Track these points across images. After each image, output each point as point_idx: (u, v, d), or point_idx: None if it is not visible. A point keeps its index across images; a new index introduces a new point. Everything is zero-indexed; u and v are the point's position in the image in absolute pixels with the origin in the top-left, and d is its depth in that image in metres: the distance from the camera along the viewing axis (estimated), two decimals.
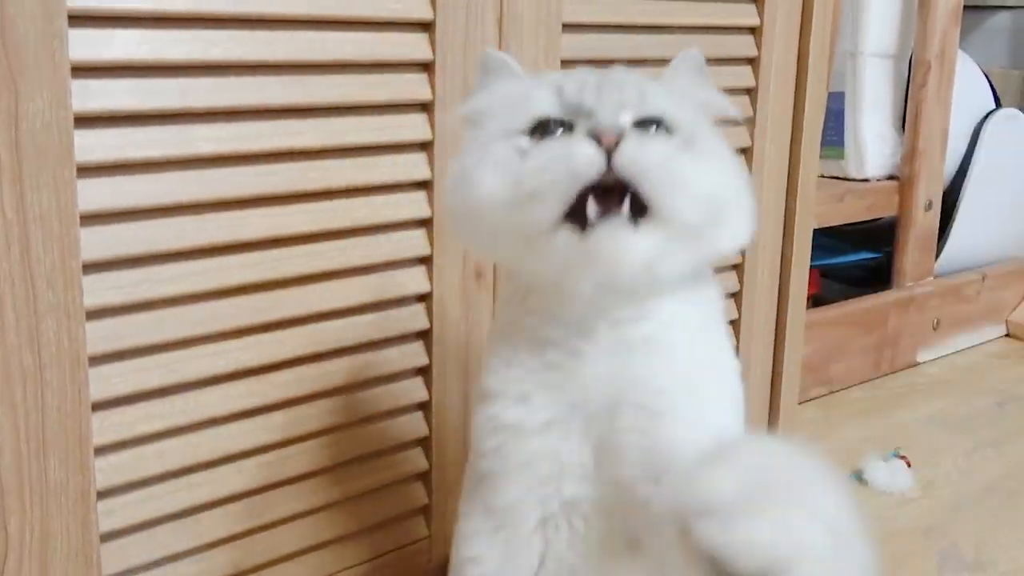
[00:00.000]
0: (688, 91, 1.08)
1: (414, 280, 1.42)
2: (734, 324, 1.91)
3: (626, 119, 0.96)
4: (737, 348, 1.91)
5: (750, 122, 1.82)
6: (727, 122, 1.11)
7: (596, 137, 0.91)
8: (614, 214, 0.91)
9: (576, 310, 1.01)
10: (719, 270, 1.82)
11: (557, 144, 0.94)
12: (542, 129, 0.98)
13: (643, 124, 0.97)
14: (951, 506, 2.08)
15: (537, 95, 1.01)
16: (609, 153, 0.90)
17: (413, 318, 1.43)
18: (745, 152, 1.84)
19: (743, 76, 1.80)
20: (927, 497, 2.12)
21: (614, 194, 0.91)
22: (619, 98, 0.97)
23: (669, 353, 1.02)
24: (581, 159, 0.91)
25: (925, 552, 1.90)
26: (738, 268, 1.89)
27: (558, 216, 0.92)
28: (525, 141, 0.98)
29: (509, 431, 1.04)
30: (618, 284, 0.97)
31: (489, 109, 1.05)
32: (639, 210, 0.92)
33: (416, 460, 1.48)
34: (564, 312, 1.02)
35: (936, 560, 1.87)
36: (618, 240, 0.91)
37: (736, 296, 1.91)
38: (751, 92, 1.82)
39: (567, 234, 0.93)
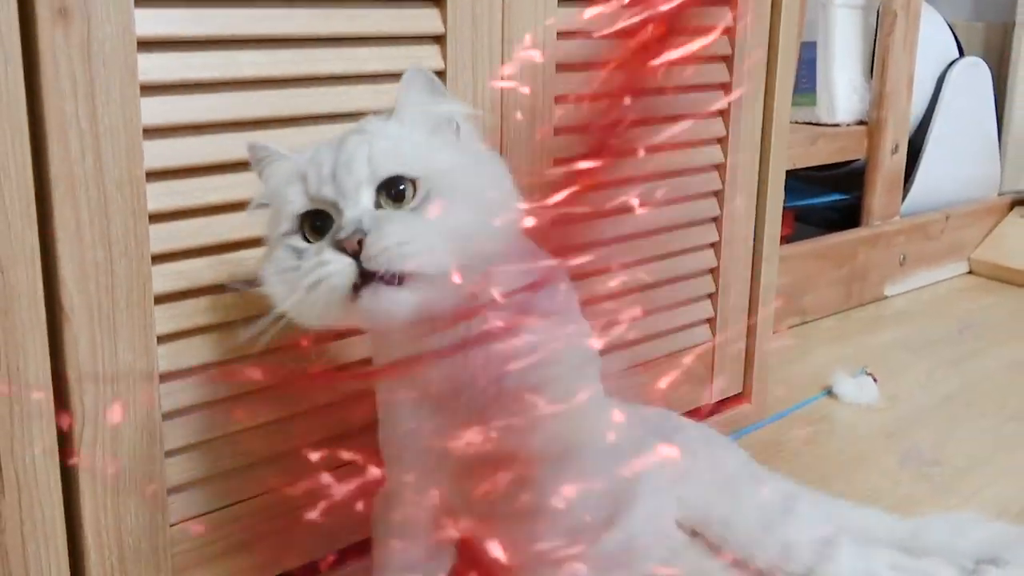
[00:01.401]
0: (418, 115, 1.14)
1: None
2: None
3: (365, 198, 1.07)
4: (715, 287, 2.01)
5: (724, 86, 1.90)
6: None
7: (342, 247, 1.03)
8: (374, 281, 1.03)
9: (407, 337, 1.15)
10: (698, 221, 1.93)
11: (314, 260, 1.05)
12: (307, 223, 1.09)
13: (385, 189, 1.07)
14: (913, 415, 2.20)
15: (290, 194, 1.10)
16: (356, 255, 1.02)
17: None
18: (722, 113, 1.92)
19: (718, 43, 1.85)
20: (891, 408, 2.24)
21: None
22: (352, 180, 1.07)
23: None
24: (336, 276, 1.03)
25: (888, 452, 2.02)
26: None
27: (338, 301, 1.04)
28: (298, 241, 1.09)
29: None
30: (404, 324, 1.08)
31: (271, 200, 1.16)
32: (394, 276, 1.03)
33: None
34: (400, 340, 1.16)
35: (897, 458, 1.98)
36: (382, 300, 1.03)
37: (715, 242, 1.99)
38: (726, 59, 1.90)
39: (346, 303, 1.05)
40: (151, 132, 1.22)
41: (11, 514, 1.18)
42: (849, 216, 3.12)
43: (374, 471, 1.35)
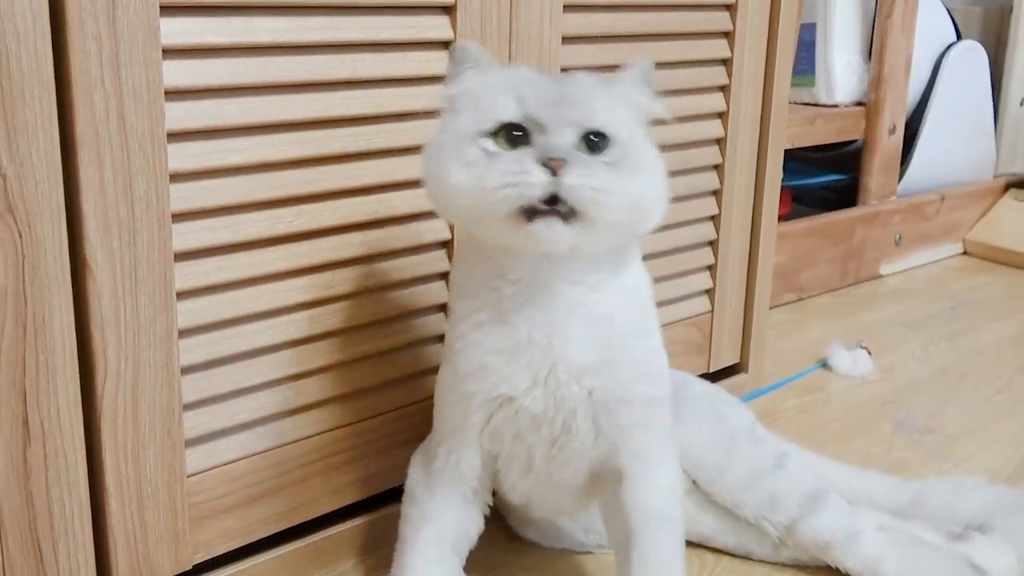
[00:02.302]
0: (630, 97, 1.24)
1: None
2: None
3: (569, 136, 1.15)
4: (715, 259, 2.04)
5: (726, 62, 1.93)
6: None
7: (545, 163, 1.10)
8: (552, 213, 1.11)
9: (524, 270, 1.24)
10: (698, 194, 1.96)
11: (513, 165, 1.12)
12: (504, 132, 1.16)
13: (586, 137, 1.16)
14: (907, 386, 2.23)
15: (502, 102, 1.17)
16: (555, 174, 1.09)
17: None
18: (723, 88, 1.95)
19: (721, 19, 1.90)
20: (886, 380, 2.27)
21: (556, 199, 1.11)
22: (568, 116, 1.15)
23: (602, 316, 1.26)
24: (534, 183, 1.10)
25: (882, 420, 2.05)
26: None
27: (515, 214, 1.12)
28: (490, 144, 1.16)
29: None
30: (552, 258, 1.20)
31: (462, 100, 1.23)
32: (572, 212, 1.12)
33: (438, 323, 1.60)
34: (515, 269, 1.24)
35: (891, 425, 2.02)
36: (551, 231, 1.12)
37: (715, 215, 2.01)
38: (728, 35, 1.92)
39: (516, 223, 1.13)
40: (173, 94, 1.24)
41: (36, 461, 1.21)
42: (846, 197, 3.14)
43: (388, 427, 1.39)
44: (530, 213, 1.11)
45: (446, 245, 1.57)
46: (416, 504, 1.39)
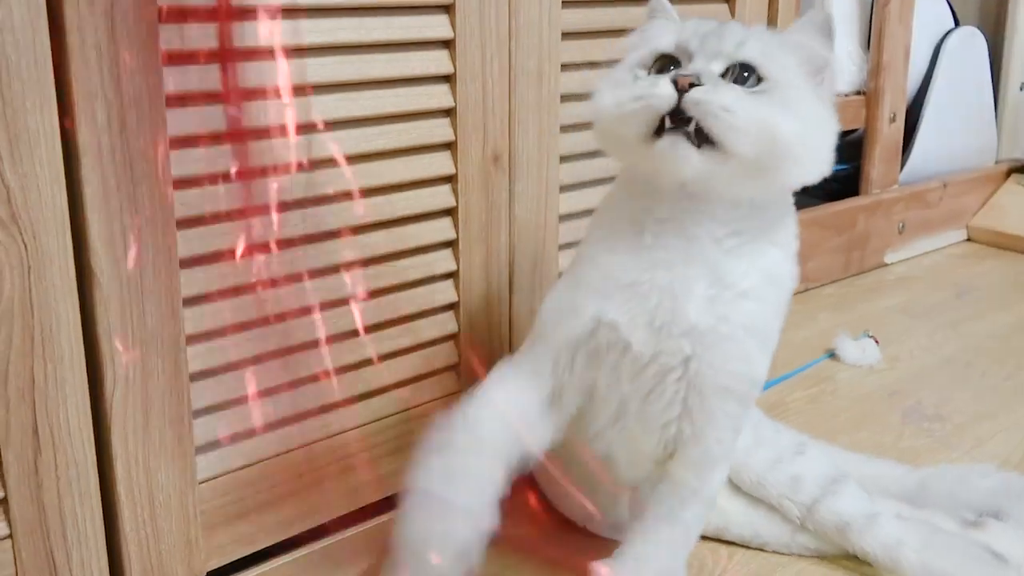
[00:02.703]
0: (800, 45, 1.22)
1: (440, 164, 1.54)
2: None
3: (716, 66, 1.16)
4: None
5: None
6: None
7: (675, 80, 1.12)
8: (679, 132, 1.13)
9: (674, 206, 1.24)
10: None
11: (648, 82, 1.16)
12: (659, 63, 1.21)
13: (735, 69, 1.16)
14: (914, 375, 2.23)
15: (663, 38, 1.22)
16: (682, 93, 1.11)
17: (442, 198, 1.55)
18: None
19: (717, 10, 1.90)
20: (893, 369, 2.26)
21: (690, 120, 1.13)
22: (716, 47, 1.17)
23: (732, 288, 1.24)
24: (660, 96, 1.13)
25: (890, 409, 2.05)
26: None
27: (645, 130, 1.15)
28: (641, 72, 1.20)
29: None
30: (687, 185, 1.19)
31: (637, 42, 1.27)
32: (700, 133, 1.13)
33: (447, 324, 1.61)
34: (660, 209, 1.25)
35: (899, 415, 2.01)
36: (677, 150, 1.13)
37: None
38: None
39: (646, 140, 1.16)
40: (173, 100, 1.24)
41: (47, 472, 1.21)
42: (848, 186, 3.12)
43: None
44: (659, 130, 1.14)
45: (451, 245, 1.57)
46: (483, 389, 1.35)
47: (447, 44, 1.49)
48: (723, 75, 1.16)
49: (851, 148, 3.12)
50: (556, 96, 1.66)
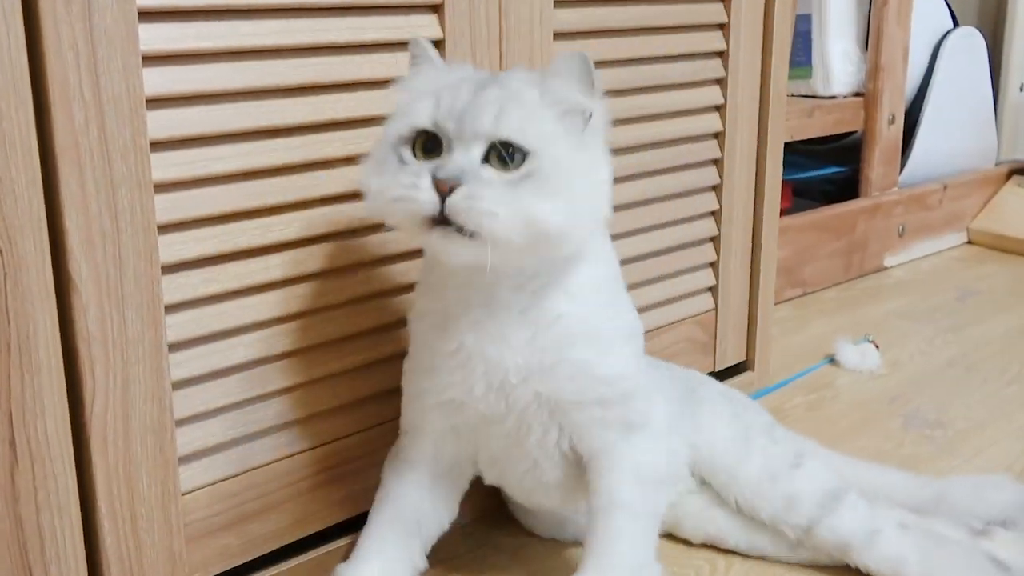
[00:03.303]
0: (560, 98, 1.20)
1: None
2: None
3: (476, 151, 1.15)
4: (717, 255, 2.01)
5: (722, 55, 1.90)
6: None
7: (435, 182, 1.13)
8: (449, 226, 1.13)
9: (464, 275, 1.26)
10: (699, 189, 1.93)
11: (409, 179, 1.15)
12: (421, 139, 1.18)
13: (495, 149, 1.15)
14: (915, 380, 2.20)
15: (421, 107, 1.18)
16: (444, 196, 1.12)
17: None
18: (719, 81, 1.92)
19: (715, 11, 1.88)
20: (893, 374, 2.24)
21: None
22: (473, 127, 1.14)
23: (547, 319, 1.28)
24: (422, 202, 1.13)
25: (891, 415, 2.03)
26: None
27: (415, 226, 1.16)
28: (407, 152, 1.19)
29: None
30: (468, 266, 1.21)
31: (401, 100, 1.24)
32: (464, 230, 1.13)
33: None
34: (457, 273, 1.27)
35: (900, 421, 1.99)
36: (448, 243, 1.15)
37: (715, 211, 1.99)
38: (723, 27, 1.89)
39: (420, 231, 1.16)
40: (154, 102, 1.22)
41: (25, 484, 1.18)
42: (847, 189, 3.11)
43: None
44: (431, 223, 1.14)
45: None
46: (382, 487, 1.44)
47: (436, 44, 1.45)
48: (485, 156, 1.15)
49: (849, 150, 3.10)
50: None
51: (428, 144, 1.18)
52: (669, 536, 1.62)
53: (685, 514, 1.59)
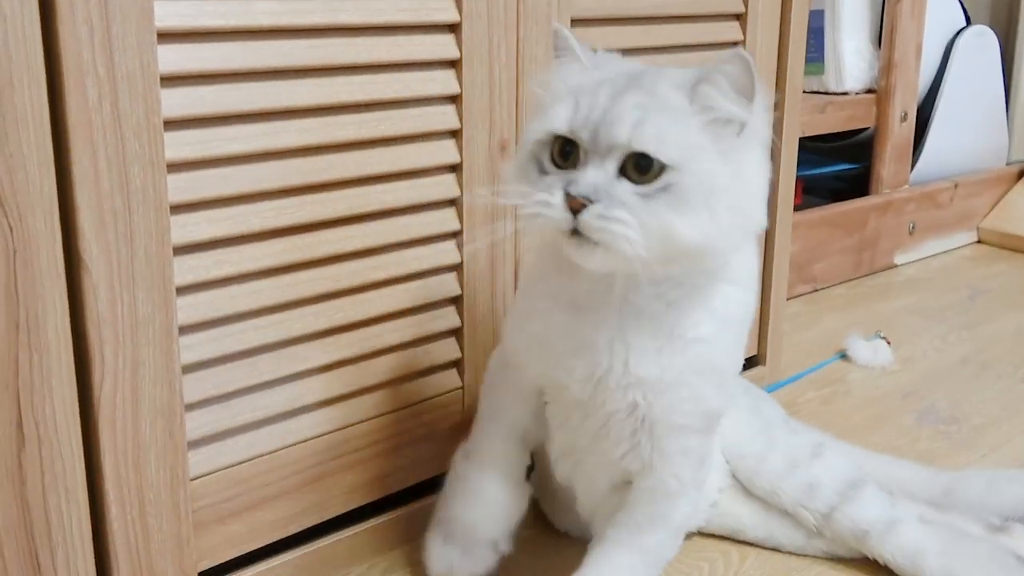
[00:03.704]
0: (710, 104, 1.12)
1: (445, 152, 1.49)
2: None
3: (610, 166, 1.11)
4: None
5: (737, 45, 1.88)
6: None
7: (567, 198, 1.10)
8: (582, 238, 1.10)
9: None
10: None
11: (546, 194, 1.12)
12: (559, 144, 1.15)
13: (631, 160, 1.10)
14: (928, 376, 2.19)
15: (558, 111, 1.15)
16: (576, 212, 1.09)
17: (446, 187, 1.50)
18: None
19: (732, 1, 1.85)
20: (906, 370, 2.23)
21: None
22: (612, 139, 1.10)
23: (683, 338, 1.23)
24: (555, 219, 1.11)
25: (904, 411, 2.01)
26: None
27: (547, 234, 1.16)
28: (546, 156, 1.16)
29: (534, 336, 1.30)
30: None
31: (541, 97, 1.21)
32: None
33: (450, 317, 1.56)
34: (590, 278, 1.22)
35: (914, 417, 1.97)
36: (583, 254, 1.11)
37: None
38: (739, 18, 1.87)
39: (554, 237, 1.15)
40: (168, 80, 1.20)
41: (32, 466, 1.16)
42: (858, 186, 3.10)
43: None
44: (566, 234, 1.11)
45: (456, 235, 1.53)
46: (489, 394, 1.45)
47: (452, 28, 1.44)
48: (621, 167, 1.11)
49: (861, 147, 3.09)
50: None
51: (566, 148, 1.15)
52: None
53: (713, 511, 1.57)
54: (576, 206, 1.08)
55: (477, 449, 1.44)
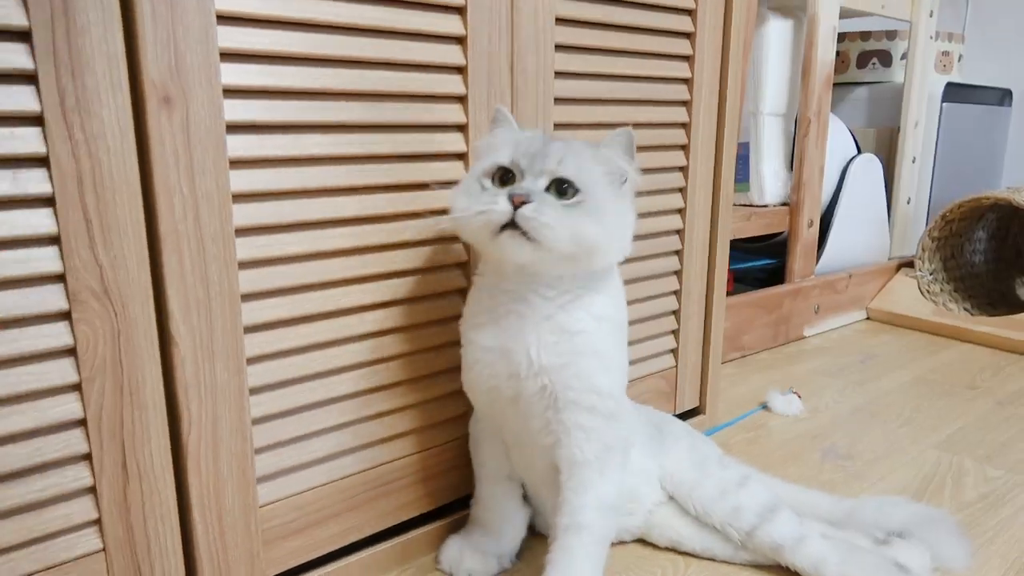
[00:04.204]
0: (607, 159, 1.24)
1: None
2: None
3: (541, 182, 1.18)
4: (677, 324, 1.95)
5: (683, 169, 1.85)
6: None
7: (511, 197, 1.15)
8: (515, 229, 1.16)
9: (516, 281, 1.26)
10: (664, 273, 1.87)
11: (489, 197, 1.18)
12: (499, 173, 1.22)
13: (556, 183, 1.18)
14: (831, 422, 2.14)
15: (502, 151, 1.23)
16: (516, 208, 1.15)
17: (456, 253, 1.47)
18: (681, 190, 1.86)
19: (679, 136, 1.82)
20: (813, 418, 2.18)
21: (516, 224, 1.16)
22: (541, 166, 1.19)
23: (567, 330, 1.26)
24: (499, 212, 1.16)
25: (812, 449, 1.96)
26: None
27: (490, 232, 1.18)
28: (488, 182, 1.22)
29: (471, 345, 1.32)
30: (524, 268, 1.23)
31: (484, 149, 1.28)
32: (527, 235, 1.16)
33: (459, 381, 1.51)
34: (505, 281, 1.27)
35: (820, 454, 1.93)
36: (514, 244, 1.17)
37: (677, 290, 1.92)
38: (684, 148, 1.84)
39: (492, 236, 1.18)
40: (238, 197, 1.18)
41: (135, 499, 1.13)
42: (775, 277, 3.08)
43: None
44: (501, 229, 1.16)
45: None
46: (475, 451, 1.48)
47: (459, 40, 1.41)
48: (547, 188, 1.19)
49: (777, 247, 3.07)
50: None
51: (505, 176, 1.21)
52: (640, 541, 1.57)
53: (654, 523, 1.54)
54: (517, 202, 1.15)
55: (477, 493, 1.48)
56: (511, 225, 1.15)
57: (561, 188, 1.18)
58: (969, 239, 3.33)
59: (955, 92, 3.51)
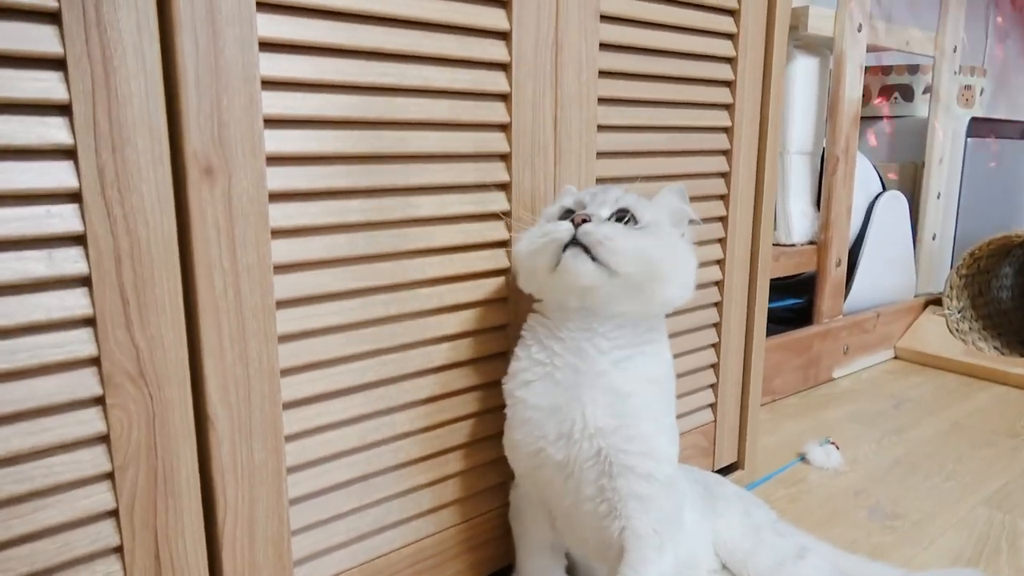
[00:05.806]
0: (666, 204, 1.27)
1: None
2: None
3: (603, 212, 1.19)
4: (716, 379, 1.90)
5: (723, 219, 1.81)
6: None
7: (573, 220, 1.15)
8: (579, 247, 1.14)
9: (574, 327, 1.22)
10: (704, 326, 1.82)
11: (552, 225, 1.17)
12: (563, 214, 1.22)
13: (616, 214, 1.19)
14: (872, 476, 2.09)
15: (567, 197, 1.26)
16: (577, 227, 1.14)
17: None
18: (720, 241, 1.82)
19: (719, 186, 1.78)
20: (854, 471, 2.13)
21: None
22: (603, 199, 1.21)
23: (621, 391, 1.21)
24: (560, 231, 1.15)
25: (857, 507, 1.91)
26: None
27: (551, 260, 1.16)
28: (551, 223, 1.20)
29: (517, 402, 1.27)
30: (585, 296, 1.18)
31: (550, 211, 1.29)
32: (590, 253, 1.14)
33: (499, 448, 1.45)
34: (567, 327, 1.23)
35: (866, 513, 1.87)
36: (577, 260, 1.14)
37: (716, 343, 1.88)
38: (724, 198, 1.80)
39: (553, 259, 1.16)
40: (280, 268, 1.13)
41: None
42: (802, 316, 3.04)
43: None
44: (564, 250, 1.15)
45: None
46: (515, 522, 1.42)
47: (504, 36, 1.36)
48: (608, 218, 1.18)
49: (805, 286, 3.03)
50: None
51: (567, 215, 1.21)
52: None
53: None
54: (578, 220, 1.14)
55: (519, 566, 1.42)
56: (573, 243, 1.13)
57: (622, 217, 1.18)
58: (996, 275, 3.30)
59: (980, 127, 3.48)
